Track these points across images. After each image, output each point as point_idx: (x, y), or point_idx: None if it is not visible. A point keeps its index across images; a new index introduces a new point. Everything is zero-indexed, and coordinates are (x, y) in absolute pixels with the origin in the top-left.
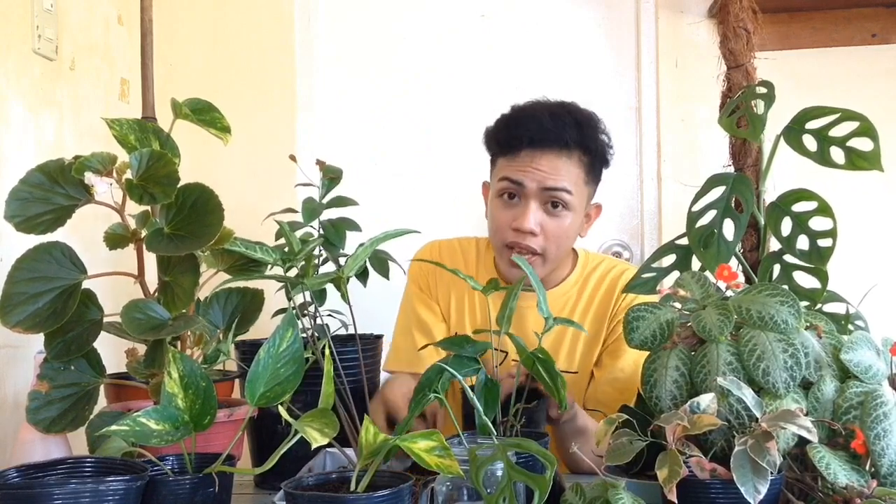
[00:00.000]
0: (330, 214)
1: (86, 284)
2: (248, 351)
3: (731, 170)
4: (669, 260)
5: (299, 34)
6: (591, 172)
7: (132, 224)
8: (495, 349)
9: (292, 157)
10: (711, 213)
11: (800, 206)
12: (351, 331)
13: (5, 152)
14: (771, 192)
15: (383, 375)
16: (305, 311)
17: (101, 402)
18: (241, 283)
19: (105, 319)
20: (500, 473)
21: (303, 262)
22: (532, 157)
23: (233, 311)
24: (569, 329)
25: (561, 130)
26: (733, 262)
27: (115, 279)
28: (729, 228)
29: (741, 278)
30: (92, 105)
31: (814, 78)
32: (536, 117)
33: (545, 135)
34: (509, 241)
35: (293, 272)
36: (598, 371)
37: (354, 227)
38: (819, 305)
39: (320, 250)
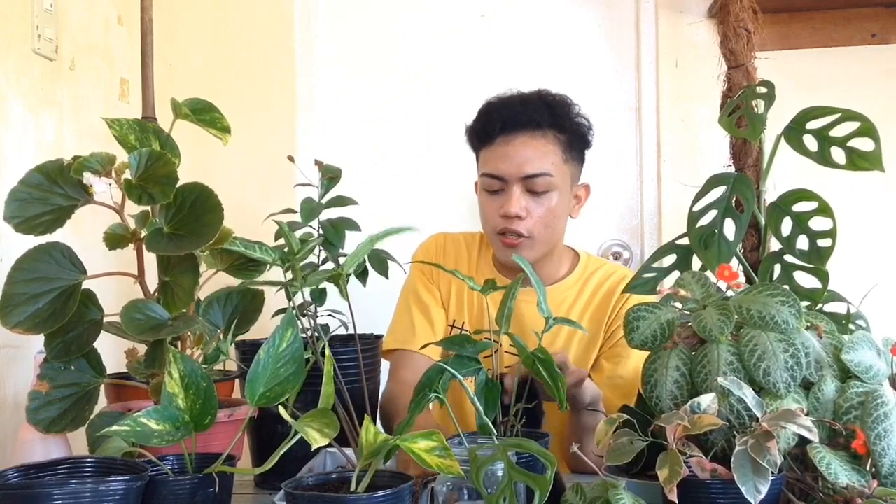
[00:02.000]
0: (330, 214)
1: (86, 284)
2: (248, 351)
3: (732, 170)
4: (670, 260)
5: (299, 34)
6: (569, 150)
7: (132, 224)
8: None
9: (290, 158)
10: (712, 213)
11: (800, 206)
12: (351, 331)
13: (5, 152)
14: (771, 192)
15: (384, 375)
16: (305, 311)
17: (102, 402)
18: None
19: (105, 319)
20: (500, 473)
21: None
22: (507, 141)
23: (233, 312)
24: (564, 328)
25: (532, 112)
26: (734, 262)
27: (115, 279)
28: (730, 228)
29: (742, 278)
30: (92, 105)
31: (814, 78)
32: (508, 104)
33: (517, 118)
34: (499, 228)
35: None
36: (597, 375)
37: (354, 226)
38: (820, 305)
39: (320, 250)
